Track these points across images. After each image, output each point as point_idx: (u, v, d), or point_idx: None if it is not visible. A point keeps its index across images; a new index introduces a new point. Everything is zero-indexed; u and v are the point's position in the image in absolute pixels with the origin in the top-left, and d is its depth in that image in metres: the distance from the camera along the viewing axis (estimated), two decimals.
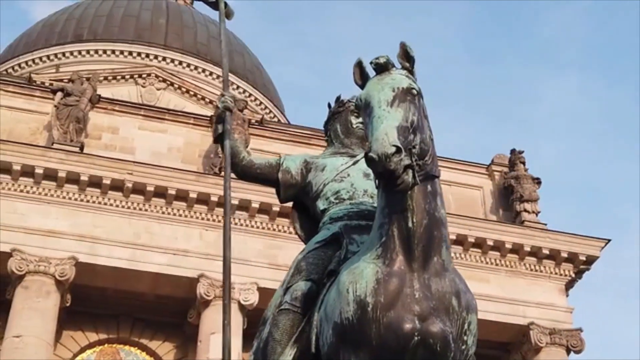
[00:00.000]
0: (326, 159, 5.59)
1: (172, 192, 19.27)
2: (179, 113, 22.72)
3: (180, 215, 19.43)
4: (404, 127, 4.39)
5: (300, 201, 5.64)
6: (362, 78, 4.80)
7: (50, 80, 26.66)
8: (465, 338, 4.50)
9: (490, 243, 20.95)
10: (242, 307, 18.58)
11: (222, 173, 19.91)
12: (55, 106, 20.16)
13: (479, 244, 20.95)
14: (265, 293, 18.69)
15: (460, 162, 23.15)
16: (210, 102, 29.90)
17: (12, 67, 32.05)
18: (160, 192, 19.24)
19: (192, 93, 30.46)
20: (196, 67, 32.31)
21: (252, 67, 34.99)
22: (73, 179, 18.88)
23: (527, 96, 70.61)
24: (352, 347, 4.45)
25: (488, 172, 23.22)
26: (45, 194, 18.78)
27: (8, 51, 33.68)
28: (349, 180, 5.38)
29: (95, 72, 25.28)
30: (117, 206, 19.10)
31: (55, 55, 31.49)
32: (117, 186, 19.08)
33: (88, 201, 19.00)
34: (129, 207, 19.02)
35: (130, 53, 31.38)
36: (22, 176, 18.71)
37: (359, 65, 4.81)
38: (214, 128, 5.65)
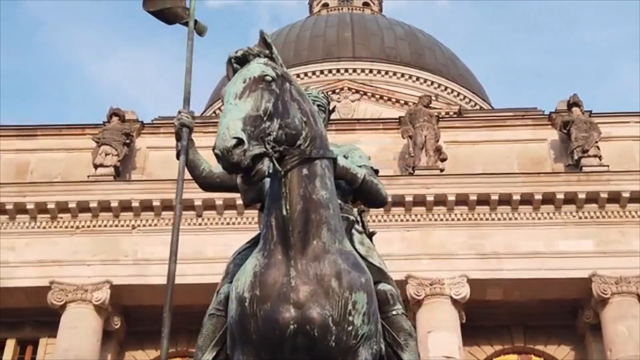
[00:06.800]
0: None
1: None
2: (368, 121, 22.92)
3: (380, 221, 19.45)
4: (253, 117, 4.31)
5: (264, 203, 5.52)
6: (234, 74, 4.73)
7: None
8: (350, 318, 4.35)
9: None
10: (455, 302, 18.28)
11: (416, 173, 19.68)
12: None
13: None
14: (476, 285, 18.32)
15: None
16: (406, 103, 29.85)
17: (220, 108, 33.99)
18: None
19: (386, 98, 30.65)
20: (387, 72, 32.51)
21: (444, 60, 34.61)
22: None
23: None
24: (240, 344, 4.44)
25: None
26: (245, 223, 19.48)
27: (213, 96, 35.83)
28: None
29: None
30: None
31: None
32: None
33: None
34: None
35: (322, 72, 32.22)
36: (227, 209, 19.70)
37: (229, 62, 4.74)
38: (175, 145, 5.68)
